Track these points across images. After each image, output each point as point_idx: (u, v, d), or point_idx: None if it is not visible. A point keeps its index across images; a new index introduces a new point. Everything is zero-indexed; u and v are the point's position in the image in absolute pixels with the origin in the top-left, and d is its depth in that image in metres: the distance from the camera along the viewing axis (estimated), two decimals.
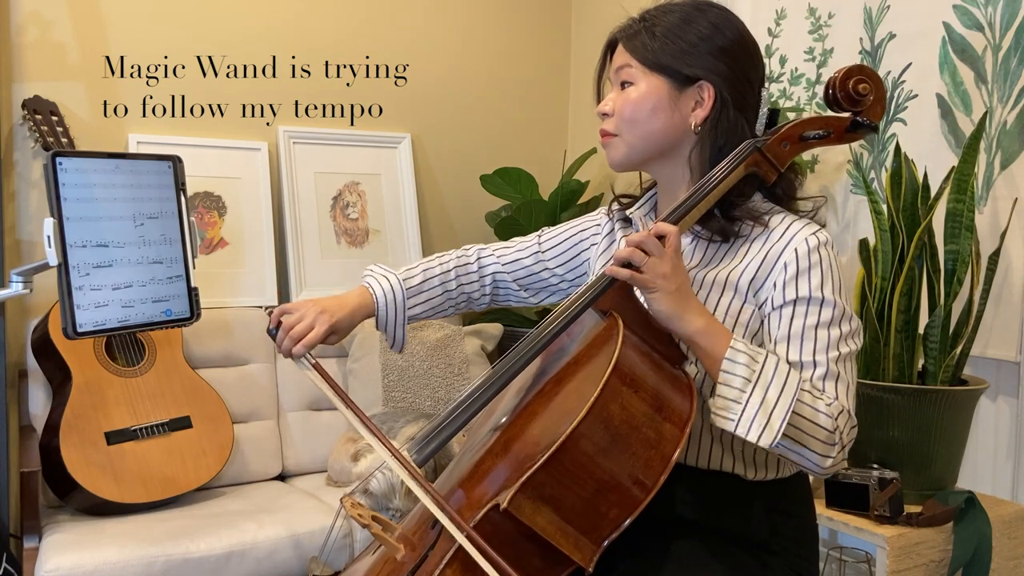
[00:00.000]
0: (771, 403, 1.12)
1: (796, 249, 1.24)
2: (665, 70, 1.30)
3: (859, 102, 1.31)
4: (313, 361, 1.35)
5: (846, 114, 1.33)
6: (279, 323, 1.37)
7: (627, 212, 1.43)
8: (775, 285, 1.24)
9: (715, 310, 1.27)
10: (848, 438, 1.19)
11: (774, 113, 1.34)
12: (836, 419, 1.17)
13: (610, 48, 1.39)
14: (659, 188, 1.41)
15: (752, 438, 1.11)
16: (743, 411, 1.13)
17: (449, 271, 1.51)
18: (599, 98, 1.40)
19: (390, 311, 1.45)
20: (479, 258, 1.55)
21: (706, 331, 1.18)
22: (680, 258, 1.20)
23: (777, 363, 1.17)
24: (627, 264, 1.20)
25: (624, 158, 1.35)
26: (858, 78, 1.31)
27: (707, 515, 1.29)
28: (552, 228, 1.56)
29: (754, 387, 1.13)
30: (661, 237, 1.20)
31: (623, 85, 1.33)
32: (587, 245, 1.52)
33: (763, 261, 1.26)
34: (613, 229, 1.48)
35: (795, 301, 1.22)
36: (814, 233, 1.25)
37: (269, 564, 2.18)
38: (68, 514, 2.28)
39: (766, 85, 1.34)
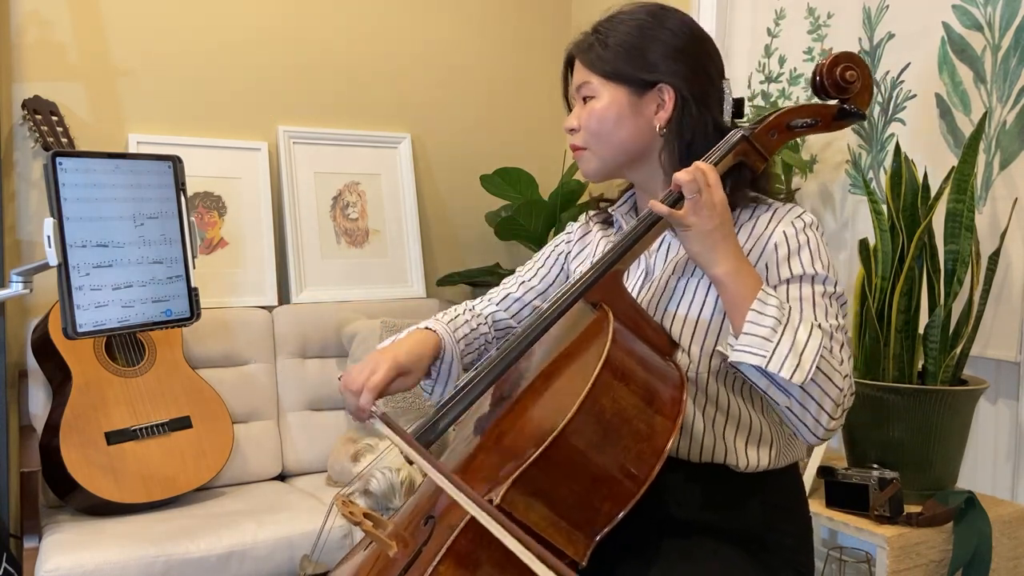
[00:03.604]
0: (801, 344, 1.15)
1: (784, 232, 1.27)
2: (623, 78, 1.31)
3: (846, 89, 1.31)
4: (380, 412, 1.25)
5: (833, 102, 1.33)
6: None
7: (609, 210, 1.45)
8: (767, 266, 1.26)
9: (706, 291, 1.29)
10: (848, 404, 1.21)
11: (739, 102, 1.35)
12: (845, 380, 1.19)
13: (569, 65, 1.40)
14: (636, 188, 1.43)
15: (785, 374, 1.13)
16: (775, 348, 1.14)
17: (463, 314, 1.49)
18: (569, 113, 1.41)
19: (452, 345, 1.40)
20: (475, 305, 1.53)
21: (736, 272, 1.19)
22: (719, 196, 1.21)
23: (802, 313, 1.20)
24: (676, 201, 1.21)
25: (597, 170, 1.37)
26: (845, 65, 1.30)
27: (703, 512, 1.29)
28: (529, 260, 1.57)
29: (785, 328, 1.16)
30: None
31: (585, 100, 1.35)
32: (564, 258, 1.53)
33: (753, 245, 1.28)
34: (588, 232, 1.50)
35: (789, 279, 1.25)
36: (799, 216, 1.29)
37: (269, 564, 2.18)
38: (68, 514, 2.28)
39: (727, 77, 1.36)
